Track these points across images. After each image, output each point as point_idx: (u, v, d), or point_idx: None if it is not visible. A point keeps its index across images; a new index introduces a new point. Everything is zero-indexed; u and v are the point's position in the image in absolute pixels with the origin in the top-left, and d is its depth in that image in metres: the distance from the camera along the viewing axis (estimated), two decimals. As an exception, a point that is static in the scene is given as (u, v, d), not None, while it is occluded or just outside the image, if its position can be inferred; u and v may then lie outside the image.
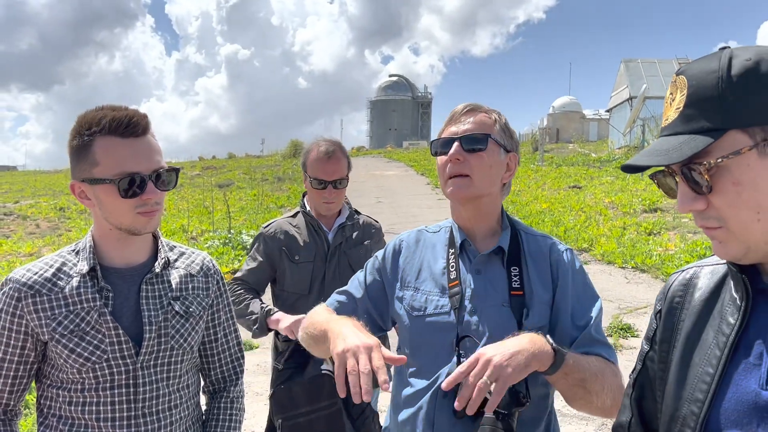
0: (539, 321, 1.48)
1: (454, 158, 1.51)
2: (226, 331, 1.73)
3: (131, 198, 1.42)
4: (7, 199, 22.26)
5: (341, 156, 2.47)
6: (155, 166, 1.45)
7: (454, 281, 1.52)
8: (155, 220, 1.49)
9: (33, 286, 1.46)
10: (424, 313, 1.53)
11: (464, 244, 1.57)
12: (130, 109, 1.46)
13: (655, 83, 29.89)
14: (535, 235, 1.62)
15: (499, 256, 1.55)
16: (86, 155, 1.42)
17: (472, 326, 1.47)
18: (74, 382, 1.47)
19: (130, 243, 1.53)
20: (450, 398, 1.41)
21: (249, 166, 31.58)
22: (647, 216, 13.31)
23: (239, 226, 13.18)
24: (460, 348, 1.45)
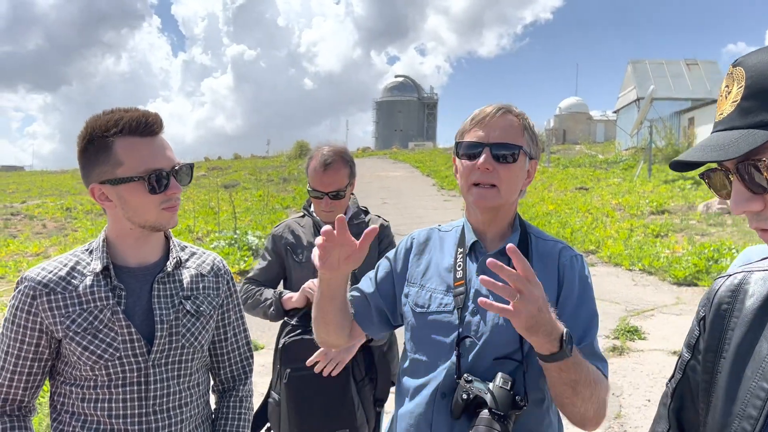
0: None
1: (484, 168, 1.47)
2: (235, 330, 1.75)
3: (158, 194, 1.47)
4: (14, 199, 22.37)
5: (340, 166, 2.44)
6: (173, 163, 1.51)
7: (459, 280, 1.52)
8: (176, 216, 1.55)
9: (48, 285, 1.49)
10: (427, 310, 1.53)
11: (474, 245, 1.57)
12: (143, 110, 1.51)
13: (662, 84, 29.82)
14: (546, 240, 1.60)
15: (506, 256, 1.52)
16: (107, 157, 1.46)
17: (473, 326, 1.46)
18: (87, 379, 1.49)
19: (145, 242, 1.56)
20: (448, 399, 1.43)
21: (254, 166, 31.65)
22: (654, 218, 13.26)
23: (245, 226, 13.20)
24: (460, 348, 1.45)
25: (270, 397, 2.44)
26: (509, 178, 1.49)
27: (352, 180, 2.51)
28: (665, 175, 19.81)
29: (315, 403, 2.27)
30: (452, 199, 18.19)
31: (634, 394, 4.59)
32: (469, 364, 1.44)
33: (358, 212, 2.61)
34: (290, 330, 2.39)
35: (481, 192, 1.49)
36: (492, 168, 1.47)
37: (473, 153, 1.50)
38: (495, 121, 1.50)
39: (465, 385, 1.37)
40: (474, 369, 1.43)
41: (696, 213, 13.29)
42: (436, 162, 30.92)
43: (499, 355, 1.44)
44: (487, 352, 1.44)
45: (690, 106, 28.68)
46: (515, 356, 1.44)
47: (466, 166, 1.51)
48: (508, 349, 1.44)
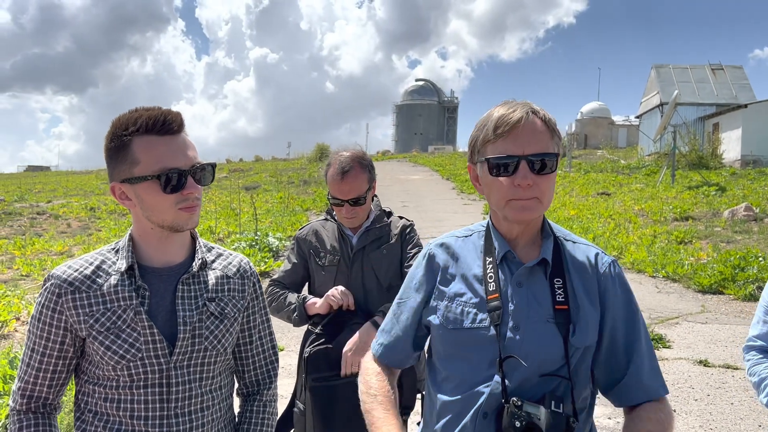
0: (586, 339, 1.39)
1: (525, 183, 1.36)
2: (261, 333, 1.72)
3: (172, 193, 1.44)
4: (40, 199, 22.73)
5: (359, 172, 2.39)
6: (192, 162, 1.47)
7: (493, 294, 1.42)
8: (196, 216, 1.50)
9: (73, 283, 1.48)
10: (460, 326, 1.44)
11: (506, 255, 1.47)
12: (164, 108, 1.49)
13: (686, 89, 29.43)
14: (577, 243, 1.52)
15: (542, 267, 1.44)
16: (125, 156, 1.45)
17: (515, 344, 1.37)
18: (110, 379, 1.48)
19: (170, 243, 1.54)
20: (490, 419, 1.35)
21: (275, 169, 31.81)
22: (678, 224, 13.07)
23: (266, 228, 13.25)
24: (504, 368, 1.36)
25: (295, 406, 2.42)
26: (549, 187, 1.40)
27: (371, 184, 2.48)
28: (689, 181, 19.54)
29: (340, 413, 2.25)
30: (472, 203, 18.11)
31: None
32: (514, 384, 1.36)
33: (381, 215, 2.57)
34: (314, 339, 2.37)
35: (523, 204, 1.38)
36: (533, 182, 1.36)
37: (506, 167, 1.37)
38: (526, 129, 1.38)
39: (516, 411, 1.29)
40: (520, 389, 1.35)
41: (721, 220, 13.07)
42: (456, 166, 30.81)
43: (545, 373, 1.37)
44: (533, 371, 1.36)
45: (715, 111, 28.28)
46: (562, 372, 1.36)
47: (502, 184, 1.39)
48: (554, 366, 1.37)
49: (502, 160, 1.38)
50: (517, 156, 1.37)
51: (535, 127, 1.39)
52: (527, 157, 1.36)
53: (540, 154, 1.37)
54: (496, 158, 1.38)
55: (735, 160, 25.16)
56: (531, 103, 1.44)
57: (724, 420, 4.23)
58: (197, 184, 1.48)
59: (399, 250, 2.49)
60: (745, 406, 4.44)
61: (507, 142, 1.38)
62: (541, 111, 1.43)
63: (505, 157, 1.37)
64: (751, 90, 30.59)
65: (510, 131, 1.37)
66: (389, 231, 2.53)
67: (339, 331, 2.36)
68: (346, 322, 2.37)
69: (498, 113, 1.42)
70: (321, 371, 2.28)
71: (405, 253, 2.49)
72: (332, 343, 2.33)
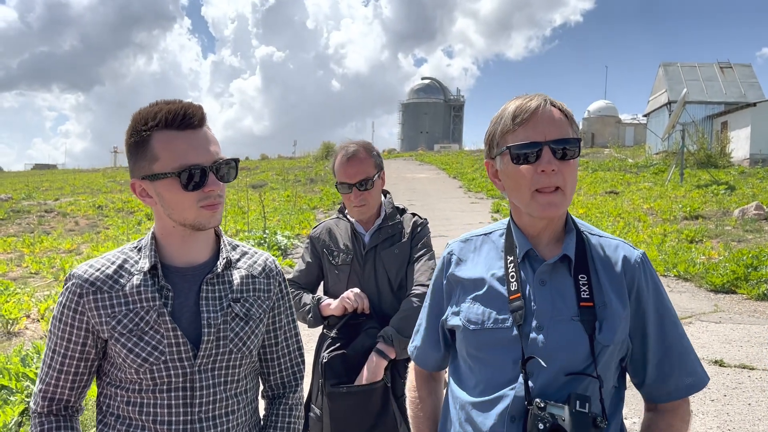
0: (613, 336, 1.34)
1: (549, 169, 1.32)
2: (287, 335, 1.67)
3: (193, 191, 1.38)
4: (47, 197, 22.79)
5: (365, 156, 2.39)
6: (214, 158, 1.40)
7: (515, 293, 1.38)
8: (219, 214, 1.44)
9: (94, 283, 1.43)
10: (482, 327, 1.40)
11: (528, 252, 1.43)
12: (185, 102, 1.41)
13: (695, 87, 29.28)
14: (603, 237, 1.47)
15: (566, 263, 1.40)
16: (145, 152, 1.39)
17: (539, 344, 1.33)
18: (132, 382, 1.43)
19: (193, 241, 1.48)
20: (518, 423, 1.32)
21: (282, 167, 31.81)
22: (688, 223, 12.99)
23: (274, 226, 13.23)
24: (527, 369, 1.33)
25: (310, 411, 2.38)
26: (572, 175, 1.36)
27: (379, 172, 2.43)
28: (697, 180, 19.43)
29: (357, 419, 2.22)
30: (479, 201, 18.05)
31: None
32: (539, 386, 1.32)
33: (394, 212, 2.52)
34: (330, 343, 2.33)
35: (549, 199, 1.34)
36: (557, 168, 1.33)
37: (529, 154, 1.34)
38: (545, 116, 1.36)
39: (539, 413, 1.25)
40: (545, 390, 1.31)
41: (731, 218, 12.98)
42: (462, 164, 30.75)
43: (571, 372, 1.33)
44: (557, 371, 1.32)
45: (723, 110, 28.11)
46: (589, 371, 1.32)
47: (524, 173, 1.35)
48: (580, 365, 1.33)
49: (525, 147, 1.34)
50: (539, 142, 1.34)
51: (552, 114, 1.37)
52: (549, 142, 1.34)
53: (562, 140, 1.34)
54: (518, 145, 1.35)
55: (744, 159, 25.00)
56: (545, 95, 1.42)
57: (742, 420, 4.18)
58: (219, 181, 1.41)
59: (408, 247, 2.44)
60: (763, 407, 4.38)
61: (527, 129, 1.35)
62: (557, 102, 1.41)
63: (527, 144, 1.34)
64: (760, 88, 30.40)
65: (529, 119, 1.35)
66: (401, 229, 2.48)
67: (355, 335, 2.33)
68: (361, 325, 2.34)
69: (514, 104, 1.40)
70: (339, 377, 2.25)
71: (412, 250, 2.44)
72: (348, 348, 2.29)
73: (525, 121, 1.36)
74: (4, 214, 17.45)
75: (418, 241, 2.46)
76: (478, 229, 1.59)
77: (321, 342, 2.43)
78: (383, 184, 2.50)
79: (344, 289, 2.43)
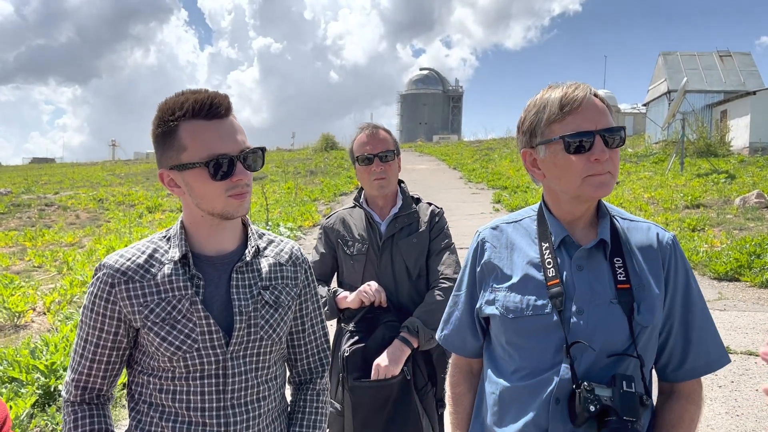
0: (652, 317, 1.38)
1: (604, 158, 1.35)
2: (313, 321, 1.68)
3: (221, 180, 1.38)
4: (47, 190, 22.75)
5: (384, 133, 2.45)
6: (241, 147, 1.41)
7: (553, 279, 1.41)
8: (247, 203, 1.45)
9: (126, 272, 1.44)
10: (522, 315, 1.42)
11: (564, 238, 1.45)
12: (211, 91, 1.42)
13: (694, 76, 29.21)
14: (635, 221, 1.50)
15: (601, 248, 1.43)
16: (172, 142, 1.39)
17: (581, 329, 1.36)
18: (165, 370, 1.44)
19: (221, 230, 1.49)
20: (563, 404, 1.34)
21: (281, 159, 31.76)
22: (689, 212, 13.00)
23: (276, 218, 13.23)
24: (572, 353, 1.36)
25: (331, 405, 2.37)
26: (618, 161, 1.40)
27: (397, 150, 2.48)
28: (697, 169, 19.44)
29: (379, 413, 2.22)
30: (480, 192, 18.06)
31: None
32: (583, 369, 1.35)
33: (409, 201, 2.52)
34: (349, 337, 2.33)
35: (601, 180, 1.37)
36: (609, 156, 1.36)
37: (581, 143, 1.35)
38: (592, 105, 1.38)
39: (588, 395, 1.28)
40: (589, 373, 1.35)
41: (732, 207, 13.00)
42: (462, 155, 30.73)
43: (613, 353, 1.36)
44: (600, 353, 1.36)
45: (723, 98, 28.07)
46: (629, 351, 1.36)
47: (576, 162, 1.36)
48: (621, 346, 1.36)
49: (579, 136, 1.36)
50: (592, 131, 1.36)
51: (596, 103, 1.39)
52: (601, 131, 1.36)
53: (613, 129, 1.37)
54: (573, 135, 1.36)
55: (743, 148, 24.99)
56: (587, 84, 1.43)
57: (750, 406, 4.20)
58: (247, 171, 1.41)
59: (428, 239, 2.44)
60: (770, 393, 4.41)
61: (577, 118, 1.37)
62: (598, 91, 1.42)
63: (582, 133, 1.36)
64: (759, 77, 30.33)
65: (578, 108, 1.37)
66: (418, 218, 2.47)
67: (373, 328, 2.32)
68: (379, 318, 2.33)
69: (558, 94, 1.40)
70: (360, 370, 2.24)
71: (432, 241, 2.44)
72: (367, 341, 2.28)
73: (574, 110, 1.37)
74: (5, 208, 17.42)
75: (438, 231, 2.46)
76: (505, 216, 1.62)
77: (338, 336, 2.43)
78: (400, 170, 2.50)
79: (360, 279, 2.41)
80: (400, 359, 2.23)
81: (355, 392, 2.23)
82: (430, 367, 2.40)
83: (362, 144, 2.43)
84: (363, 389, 2.22)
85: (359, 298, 2.32)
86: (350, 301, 2.34)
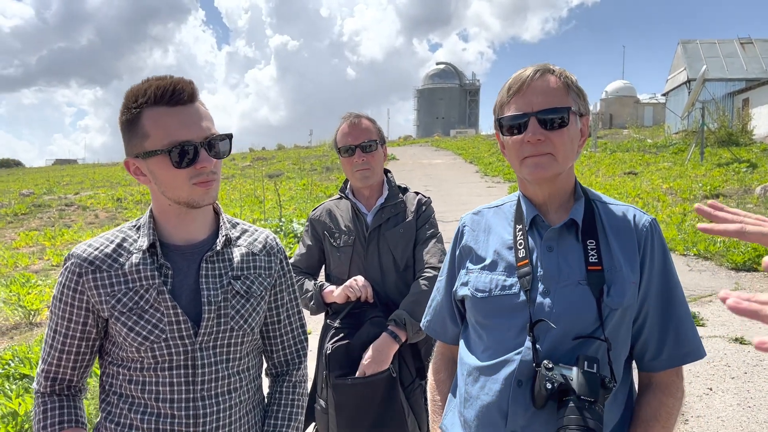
0: (621, 299, 1.34)
1: (535, 140, 1.34)
2: (289, 312, 1.66)
3: (185, 168, 1.36)
4: (68, 191, 23.09)
5: (367, 122, 2.40)
6: (206, 133, 1.37)
7: (523, 260, 1.39)
8: (213, 191, 1.42)
9: (93, 262, 1.43)
10: (489, 294, 1.42)
11: (535, 219, 1.44)
12: (176, 77, 1.39)
13: (715, 64, 28.72)
14: (613, 205, 1.47)
15: (573, 229, 1.41)
16: (136, 129, 1.37)
17: (546, 308, 1.34)
18: (134, 361, 1.43)
19: (190, 219, 1.47)
20: (525, 387, 1.32)
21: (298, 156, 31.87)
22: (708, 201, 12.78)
23: (290, 214, 13.28)
24: (534, 332, 1.33)
25: (316, 402, 2.34)
26: (563, 143, 1.35)
27: (381, 139, 2.42)
28: (718, 159, 19.10)
29: (363, 411, 2.18)
30: (496, 185, 17.94)
31: (694, 382, 4.40)
32: (546, 349, 1.32)
33: (396, 191, 2.47)
34: (334, 334, 2.28)
35: (536, 161, 1.36)
36: (544, 138, 1.34)
37: (518, 125, 1.36)
38: (534, 86, 1.36)
39: (547, 373, 1.26)
40: (552, 354, 1.32)
41: (753, 197, 12.74)
42: (479, 149, 30.55)
43: (579, 335, 1.33)
44: (565, 334, 1.33)
45: (744, 86, 27.55)
46: (597, 334, 1.33)
47: (514, 142, 1.38)
48: (588, 328, 1.33)
49: (512, 119, 1.37)
50: (526, 113, 1.35)
51: (547, 83, 1.36)
52: (536, 113, 1.34)
53: (548, 110, 1.34)
54: (506, 118, 1.38)
55: (766, 136, 24.51)
56: (549, 64, 1.41)
57: (763, 398, 4.11)
58: (212, 158, 1.38)
59: (414, 228, 2.40)
60: (785, 384, 4.31)
61: (519, 100, 1.37)
62: (558, 69, 1.40)
63: (515, 116, 1.37)
64: (782, 63, 29.71)
65: (519, 89, 1.37)
66: (405, 208, 2.43)
67: (358, 325, 2.27)
68: (365, 314, 2.28)
69: (513, 75, 1.41)
70: (343, 368, 2.20)
71: (418, 231, 2.40)
72: (352, 338, 2.24)
73: (516, 92, 1.38)
74: (27, 208, 17.71)
75: (424, 220, 2.42)
76: (491, 203, 1.61)
77: (324, 332, 2.39)
78: (385, 159, 2.46)
79: (346, 271, 2.38)
80: (388, 356, 2.19)
81: (337, 390, 2.18)
82: (418, 361, 2.36)
83: (344, 135, 2.39)
84: (346, 387, 2.17)
85: (345, 293, 2.28)
86: (336, 296, 2.31)
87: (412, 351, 2.33)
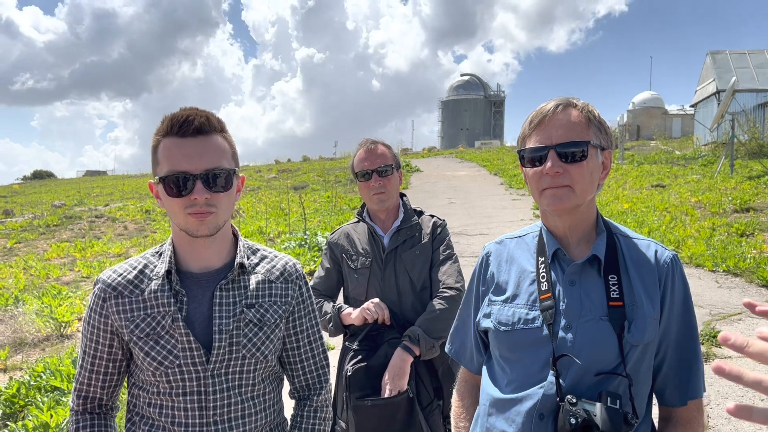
0: (642, 336, 1.34)
1: (553, 172, 1.36)
2: (309, 339, 1.68)
3: (179, 198, 1.42)
4: (98, 202, 23.54)
5: (383, 148, 2.49)
6: (207, 166, 1.41)
7: (545, 293, 1.40)
8: (209, 223, 1.45)
9: (116, 288, 1.50)
10: (513, 328, 1.43)
11: (557, 253, 1.45)
12: (193, 109, 1.45)
13: (745, 75, 28.26)
14: (636, 239, 1.48)
15: (595, 264, 1.42)
16: (155, 155, 1.47)
17: (568, 343, 1.35)
18: (151, 384, 1.49)
19: (203, 246, 1.51)
20: (547, 421, 1.33)
21: (323, 168, 32.07)
22: (738, 216, 12.55)
23: (314, 227, 13.36)
24: (558, 367, 1.34)
25: (336, 424, 2.38)
26: (582, 176, 1.37)
27: (397, 168, 2.48)
28: (749, 171, 18.76)
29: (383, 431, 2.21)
30: (521, 198, 17.84)
31: (722, 404, 4.33)
32: (569, 384, 1.33)
33: (411, 213, 2.54)
34: (353, 356, 2.33)
35: (554, 193, 1.38)
36: (562, 170, 1.36)
37: (538, 157, 1.39)
38: (555, 120, 1.39)
39: (570, 408, 1.27)
40: (575, 388, 1.33)
41: (785, 210, 12.49)
42: (503, 161, 30.43)
43: (601, 371, 1.34)
44: (587, 369, 1.34)
45: (776, 97, 27.05)
46: (618, 371, 1.33)
47: (534, 173, 1.41)
48: (610, 364, 1.34)
49: (533, 152, 1.40)
50: (545, 146, 1.38)
51: (568, 117, 1.39)
52: (555, 146, 1.37)
53: (568, 143, 1.36)
54: (527, 150, 1.41)
55: (799, 148, 23.99)
56: (572, 98, 1.44)
57: (794, 421, 4.02)
58: (208, 190, 1.41)
59: (430, 249, 2.45)
60: (816, 407, 4.21)
61: (539, 133, 1.40)
62: (581, 103, 1.42)
63: (535, 149, 1.40)
64: (815, 73, 29.12)
65: (541, 122, 1.40)
66: (421, 230, 2.49)
67: (376, 347, 2.32)
68: (382, 336, 2.33)
69: (536, 109, 1.44)
70: (363, 389, 2.24)
71: (434, 253, 2.45)
72: (370, 359, 2.29)
73: (538, 125, 1.41)
74: (58, 220, 18.11)
75: (440, 242, 2.47)
76: (513, 232, 1.63)
77: (343, 355, 2.44)
78: (401, 183, 2.52)
79: (364, 293, 2.43)
80: (405, 370, 2.23)
81: (357, 412, 2.22)
82: (436, 381, 2.38)
83: (361, 160, 2.47)
84: (365, 408, 2.21)
85: (362, 315, 2.33)
86: (354, 318, 2.35)
87: (429, 371, 2.36)
